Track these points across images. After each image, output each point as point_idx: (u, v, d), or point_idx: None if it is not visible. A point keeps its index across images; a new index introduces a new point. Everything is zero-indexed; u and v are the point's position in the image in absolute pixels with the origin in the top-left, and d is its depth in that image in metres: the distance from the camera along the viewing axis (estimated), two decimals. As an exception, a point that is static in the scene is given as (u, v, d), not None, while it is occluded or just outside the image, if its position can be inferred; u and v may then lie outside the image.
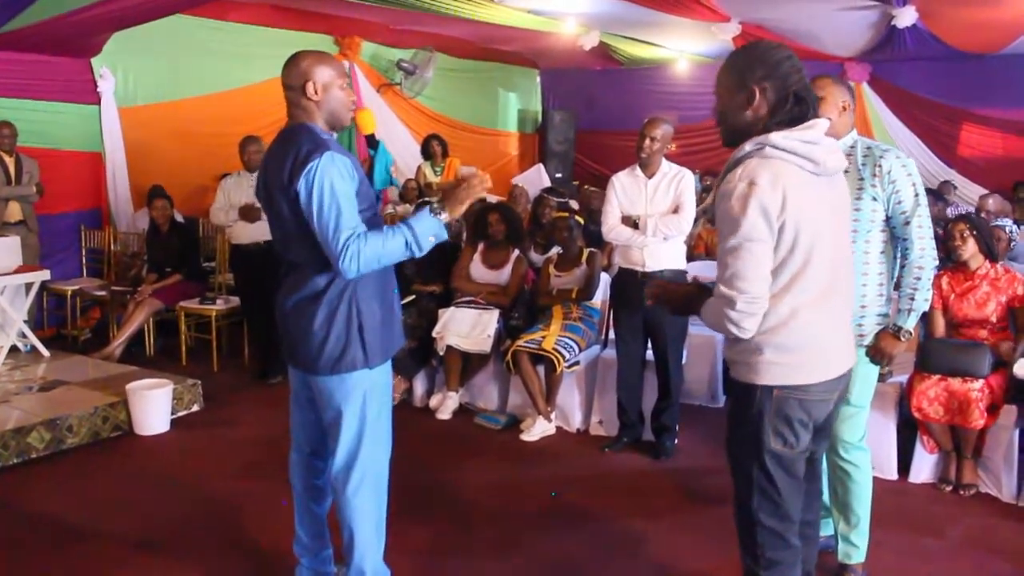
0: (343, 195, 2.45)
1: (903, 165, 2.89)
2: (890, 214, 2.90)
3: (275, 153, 2.61)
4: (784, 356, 2.19)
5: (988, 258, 4.05)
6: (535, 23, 9.28)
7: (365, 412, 2.69)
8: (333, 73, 2.62)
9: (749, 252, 2.08)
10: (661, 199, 4.35)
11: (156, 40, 7.87)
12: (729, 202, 2.08)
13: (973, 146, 10.84)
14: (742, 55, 2.23)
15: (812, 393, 2.22)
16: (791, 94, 2.15)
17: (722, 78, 2.25)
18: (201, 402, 5.39)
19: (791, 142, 2.11)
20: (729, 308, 2.10)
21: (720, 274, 2.14)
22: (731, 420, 2.37)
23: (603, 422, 4.87)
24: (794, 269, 2.13)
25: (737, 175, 2.10)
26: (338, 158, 2.48)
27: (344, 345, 2.59)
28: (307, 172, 2.43)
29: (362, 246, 2.43)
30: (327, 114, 2.62)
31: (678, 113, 12.58)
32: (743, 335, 2.15)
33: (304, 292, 2.61)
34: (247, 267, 5.91)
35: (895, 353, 2.95)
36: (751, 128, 2.19)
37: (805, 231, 2.10)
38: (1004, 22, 8.70)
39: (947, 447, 4.01)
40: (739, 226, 2.07)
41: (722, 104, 2.26)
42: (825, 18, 8.73)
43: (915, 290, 2.90)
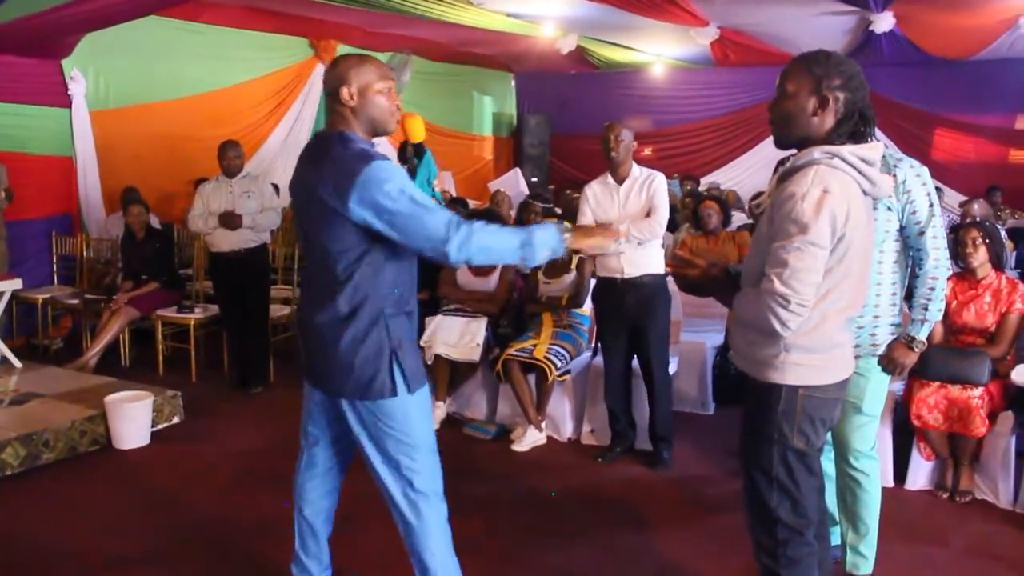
0: (409, 193, 2.31)
1: (917, 175, 2.86)
2: (904, 224, 2.88)
3: (311, 161, 2.46)
4: (809, 358, 2.23)
5: (995, 267, 4.03)
6: (513, 26, 9.24)
7: (404, 436, 2.53)
8: (373, 77, 2.45)
9: (812, 256, 2.08)
10: (634, 203, 4.32)
11: (128, 42, 7.72)
12: (800, 204, 2.08)
13: (947, 151, 10.98)
14: (822, 60, 2.19)
15: (829, 392, 2.28)
16: (858, 110, 2.18)
17: (795, 78, 2.22)
18: (181, 414, 5.25)
19: (856, 159, 2.15)
20: (780, 306, 2.09)
21: (776, 271, 2.11)
22: (751, 420, 2.37)
23: (595, 431, 4.80)
24: (836, 279, 2.17)
25: (809, 179, 2.11)
26: (382, 165, 2.34)
27: (373, 372, 2.43)
28: (361, 183, 2.29)
29: (472, 231, 2.31)
30: (366, 121, 2.48)
31: (653, 117, 12.64)
32: (784, 333, 2.15)
33: (330, 314, 2.44)
34: (226, 275, 5.78)
35: (908, 363, 2.94)
36: (811, 134, 2.20)
37: (854, 246, 2.15)
38: (978, 28, 8.81)
39: (944, 454, 4.00)
40: (809, 229, 2.07)
41: (788, 104, 2.22)
42: (803, 23, 8.77)
43: (929, 300, 2.89)
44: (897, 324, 2.96)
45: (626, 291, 4.32)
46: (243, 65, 9.19)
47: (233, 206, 5.64)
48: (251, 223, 5.64)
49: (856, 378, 2.92)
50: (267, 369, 6.08)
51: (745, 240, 5.91)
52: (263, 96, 9.48)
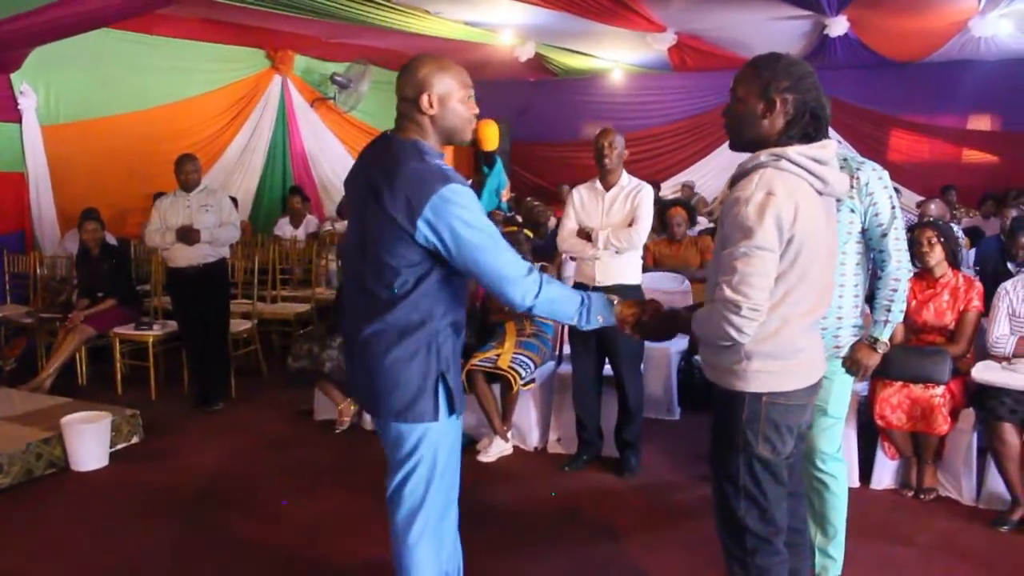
0: (487, 228, 2.22)
1: (879, 177, 2.88)
2: (867, 226, 2.89)
3: (379, 164, 2.29)
4: (771, 364, 2.21)
5: (952, 266, 4.08)
6: (472, 35, 9.23)
7: (435, 463, 2.40)
8: (454, 84, 2.30)
9: (760, 260, 2.07)
10: (617, 212, 4.30)
11: (80, 55, 7.58)
12: (744, 208, 2.07)
13: (902, 151, 11.16)
14: (770, 63, 2.18)
15: (795, 399, 2.26)
16: (808, 111, 2.16)
17: (744, 82, 2.22)
18: (141, 433, 5.14)
19: (805, 159, 2.14)
20: (733, 313, 2.08)
21: (725, 279, 2.11)
22: (716, 428, 2.36)
23: (561, 439, 4.78)
24: (791, 282, 2.15)
25: (754, 183, 2.10)
26: (459, 190, 2.20)
27: (416, 394, 2.31)
28: (434, 203, 2.16)
29: (544, 281, 2.25)
30: (443, 130, 2.34)
31: (613, 122, 12.65)
32: (742, 340, 2.13)
33: (377, 327, 2.31)
34: (185, 290, 5.67)
35: (871, 364, 2.96)
36: (763, 137, 2.20)
37: (807, 247, 2.12)
38: (929, 31, 8.97)
39: (908, 453, 4.03)
40: (753, 233, 2.05)
41: (739, 108, 2.23)
42: (759, 28, 8.87)
43: (891, 302, 2.91)
44: (859, 326, 2.98)
45: None
46: (200, 77, 9.07)
47: (191, 221, 5.54)
48: (209, 238, 5.55)
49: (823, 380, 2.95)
50: (228, 385, 5.99)
51: (707, 245, 5.94)
52: (220, 108, 9.37)
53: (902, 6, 8.08)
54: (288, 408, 5.70)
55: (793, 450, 2.32)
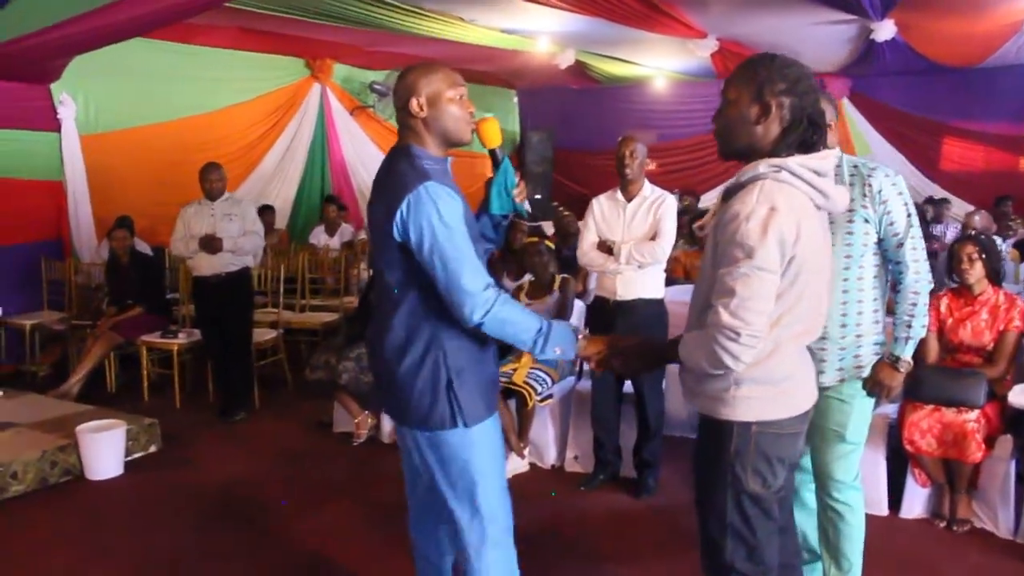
0: (458, 232, 2.18)
1: (893, 184, 2.70)
2: (882, 236, 2.70)
3: (378, 180, 2.35)
4: (761, 390, 2.04)
5: (993, 283, 3.84)
6: (508, 42, 9.13)
7: (472, 473, 2.37)
8: (442, 84, 2.30)
9: (761, 282, 1.90)
10: (639, 224, 4.14)
11: (119, 65, 7.64)
12: (745, 224, 1.89)
13: (956, 160, 10.76)
14: (763, 64, 2.01)
15: (787, 427, 2.08)
16: (807, 116, 1.99)
17: (736, 84, 2.05)
18: (159, 442, 5.12)
19: (807, 171, 1.97)
20: (731, 340, 1.91)
21: (722, 302, 1.93)
22: (701, 460, 2.20)
23: (579, 457, 4.63)
24: (788, 303, 1.98)
25: (754, 197, 1.93)
26: (436, 189, 2.18)
27: (432, 401, 2.31)
28: (406, 207, 2.17)
29: (500, 299, 2.18)
30: (438, 133, 2.33)
31: (657, 131, 12.46)
32: (737, 368, 1.96)
33: (388, 334, 2.34)
34: (208, 299, 5.66)
35: (894, 386, 2.74)
36: (756, 145, 2.02)
37: (806, 267, 1.96)
38: (982, 35, 8.61)
39: (940, 480, 3.79)
40: (755, 252, 1.88)
41: (730, 113, 2.05)
42: (803, 32, 8.60)
43: (912, 316, 2.71)
44: (881, 343, 2.79)
45: (618, 314, 4.13)
46: (238, 86, 9.12)
47: (214, 229, 5.53)
48: (232, 247, 5.53)
49: (839, 404, 2.76)
50: (251, 395, 5.95)
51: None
52: (258, 117, 9.40)
53: (950, 8, 7.76)
54: (309, 419, 5.64)
55: (784, 483, 2.13)
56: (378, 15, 7.64)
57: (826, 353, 2.71)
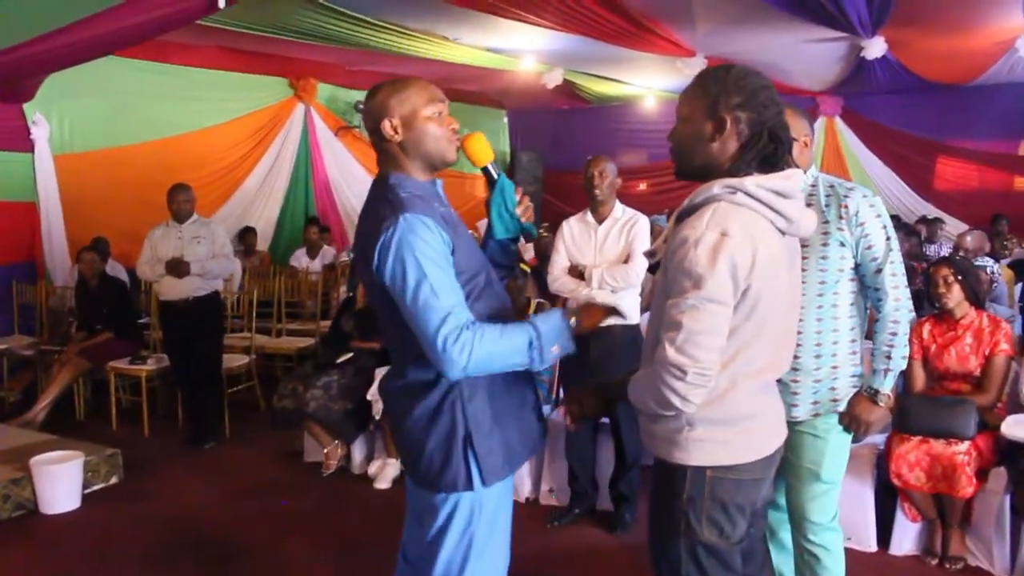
0: (432, 271, 1.88)
1: (871, 205, 2.52)
2: (859, 261, 2.53)
3: (361, 215, 2.09)
4: (717, 432, 1.85)
5: (974, 305, 3.66)
6: (494, 61, 9.01)
7: (472, 535, 2.09)
8: (418, 101, 2.04)
9: (711, 315, 1.72)
10: (611, 247, 3.97)
11: (94, 84, 7.52)
12: (693, 251, 1.72)
13: (949, 179, 10.62)
14: (717, 76, 1.85)
15: (746, 473, 1.88)
16: (767, 131, 1.81)
17: (689, 99, 1.88)
18: (121, 473, 4.92)
19: (766, 192, 1.78)
20: (676, 378, 1.73)
21: (667, 336, 1.75)
22: (654, 507, 2.00)
23: (554, 490, 4.42)
24: (744, 338, 1.80)
25: (704, 221, 1.75)
26: (415, 221, 1.90)
27: (444, 459, 2.02)
28: (380, 248, 1.91)
29: (474, 340, 1.86)
30: (418, 156, 2.06)
31: (647, 151, 12.37)
32: (686, 409, 1.77)
33: (401, 382, 2.10)
34: (176, 324, 5.48)
35: (873, 420, 2.56)
36: (713, 163, 1.85)
37: (765, 298, 1.78)
38: (973, 52, 8.50)
39: (931, 515, 3.59)
40: (703, 282, 1.71)
41: (683, 130, 1.89)
42: (793, 51, 8.49)
43: (891, 347, 2.53)
44: (859, 375, 2.61)
45: (591, 340, 3.93)
46: (219, 106, 8.97)
47: (182, 252, 5.36)
48: (200, 270, 5.36)
49: (812, 440, 2.58)
50: (221, 423, 5.75)
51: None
52: (240, 137, 9.25)
53: (941, 25, 7.63)
54: (280, 448, 5.44)
55: (748, 532, 1.93)
56: (361, 34, 7.52)
57: (799, 385, 2.54)
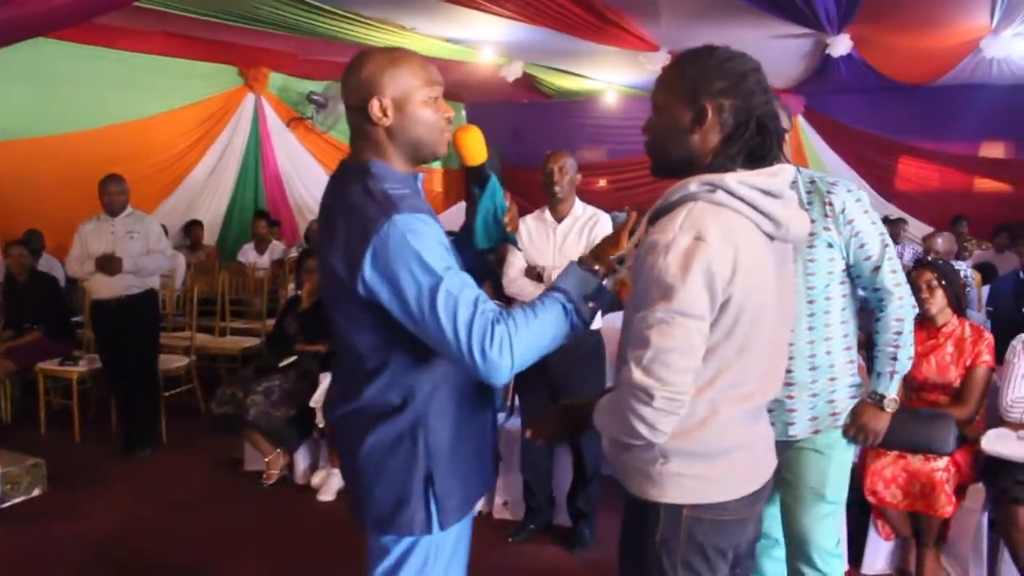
0: (445, 272, 1.61)
1: (857, 200, 2.32)
2: (852, 262, 2.34)
3: (326, 212, 1.79)
4: (696, 466, 1.61)
5: (956, 312, 3.48)
6: (452, 52, 8.72)
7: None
8: (414, 81, 1.75)
9: (683, 331, 1.48)
10: (571, 247, 3.72)
11: (27, 68, 7.12)
12: (663, 258, 1.49)
13: (911, 179, 10.58)
14: (696, 60, 1.61)
15: (729, 512, 1.64)
16: (754, 119, 1.58)
17: (665, 86, 1.65)
18: (44, 485, 4.58)
19: (750, 190, 1.54)
20: (642, 403, 1.49)
21: (633, 354, 1.51)
22: (625, 545, 1.77)
23: (508, 503, 4.17)
24: (726, 358, 1.56)
25: (678, 223, 1.52)
26: (408, 222, 1.63)
27: (399, 498, 1.77)
28: (372, 258, 1.61)
29: (511, 334, 1.60)
30: (405, 145, 1.78)
31: (608, 147, 12.18)
32: (655, 439, 1.53)
33: (353, 405, 1.79)
34: (108, 324, 5.15)
35: (881, 428, 2.39)
36: (693, 158, 1.61)
37: (748, 311, 1.54)
38: (939, 51, 8.40)
39: (905, 533, 3.40)
40: (674, 293, 1.48)
41: (660, 122, 1.65)
42: (757, 47, 8.11)
43: (897, 347, 2.36)
44: (857, 384, 2.42)
45: None
46: (165, 94, 8.58)
47: (114, 248, 5.02)
48: (133, 267, 5.02)
49: (816, 457, 2.36)
50: (157, 429, 5.41)
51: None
52: (186, 127, 8.87)
53: (907, 23, 7.52)
54: (220, 456, 5.12)
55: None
56: (314, 21, 7.20)
57: (795, 401, 2.34)
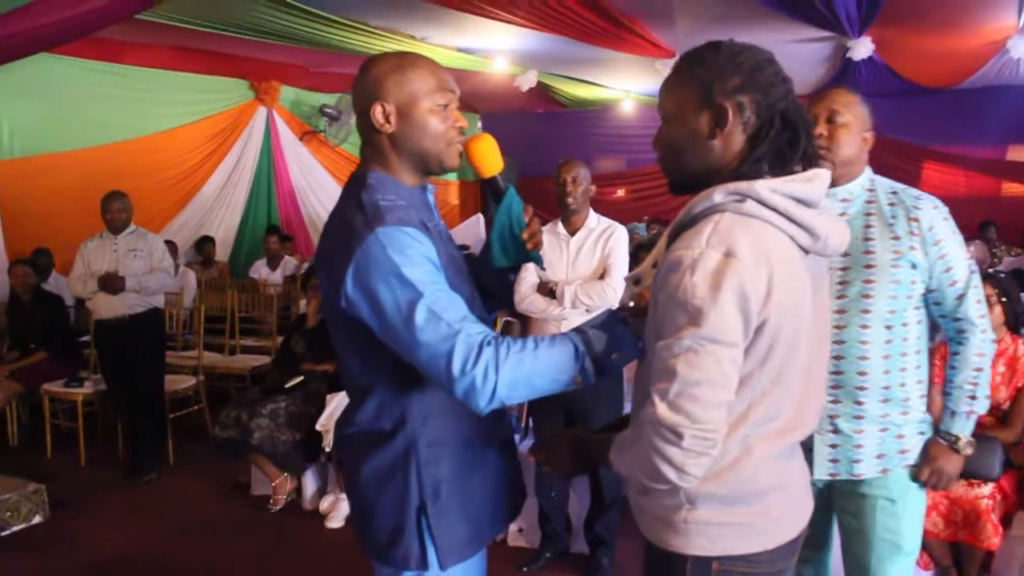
0: (427, 287, 1.49)
1: (944, 218, 2.07)
2: (935, 287, 2.08)
3: (329, 218, 1.70)
4: (726, 513, 1.42)
5: (1011, 330, 3.26)
6: (464, 62, 8.59)
7: None
8: (422, 86, 1.64)
9: (714, 360, 1.29)
10: (585, 261, 3.55)
11: (37, 86, 7.10)
12: (689, 277, 1.30)
13: (936, 185, 10.29)
14: (704, 58, 1.43)
15: (763, 564, 1.45)
16: (777, 115, 1.39)
17: (674, 93, 1.47)
18: (46, 511, 4.41)
19: (783, 199, 1.35)
20: (669, 443, 1.30)
21: (657, 387, 1.32)
22: None
23: (524, 530, 3.99)
24: (760, 389, 1.37)
25: (704, 238, 1.33)
26: (392, 235, 1.52)
27: (394, 530, 1.67)
28: (353, 274, 1.52)
29: (499, 359, 1.45)
30: (411, 155, 1.67)
31: (626, 156, 12.00)
32: (684, 483, 1.34)
33: (352, 428, 1.72)
34: (111, 344, 5.03)
35: (955, 472, 2.12)
36: (716, 166, 1.43)
37: (785, 334, 1.35)
38: (964, 53, 8.19)
39: (946, 563, 3.19)
40: (703, 318, 1.29)
41: (673, 132, 1.47)
42: (776, 51, 7.82)
43: (976, 385, 2.10)
44: (928, 421, 2.16)
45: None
46: (174, 109, 8.50)
47: (117, 266, 4.90)
48: (136, 286, 4.90)
49: (889, 506, 2.10)
50: (163, 452, 5.26)
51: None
52: (197, 142, 8.78)
53: (930, 25, 7.31)
54: (227, 480, 4.97)
55: None
56: (324, 33, 7.09)
57: (864, 436, 2.08)
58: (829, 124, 2.11)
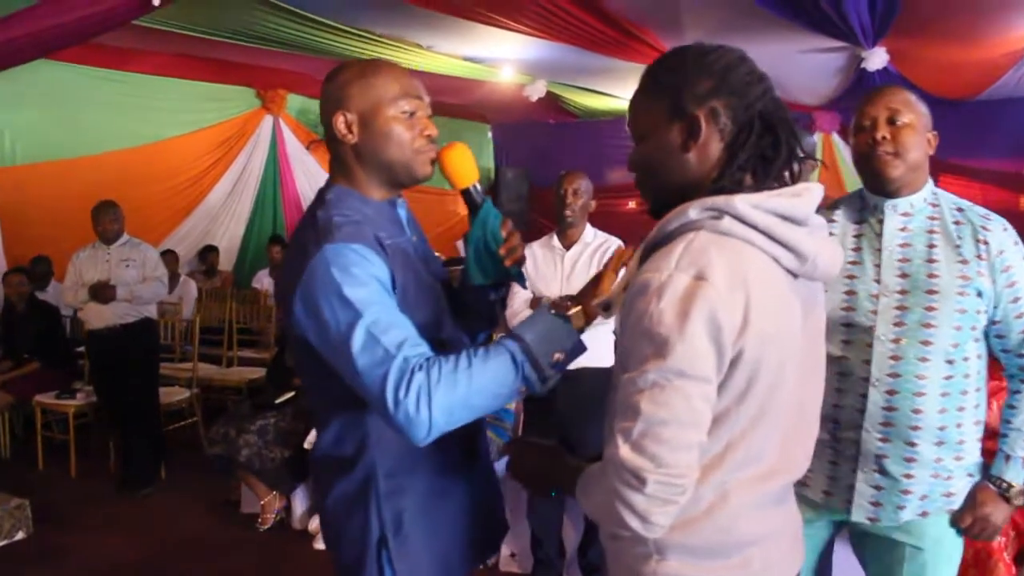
0: (367, 307, 1.39)
1: (1015, 242, 1.89)
2: (1000, 318, 1.88)
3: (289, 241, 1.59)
4: (700, 567, 1.28)
5: None
6: (471, 71, 8.50)
7: None
8: (382, 93, 1.55)
9: (682, 397, 1.16)
10: (580, 277, 3.42)
11: (39, 93, 7.01)
12: (655, 303, 1.17)
13: (952, 199, 10.13)
14: (669, 65, 1.31)
15: None
16: (756, 117, 1.26)
17: (643, 108, 1.34)
18: (29, 527, 4.35)
19: (765, 216, 1.21)
20: (632, 489, 1.17)
21: (620, 426, 1.19)
22: None
23: (516, 555, 3.85)
24: (740, 428, 1.24)
25: (674, 259, 1.20)
26: (341, 251, 1.43)
27: (357, 560, 1.59)
28: (300, 294, 1.44)
29: (430, 384, 1.34)
30: (377, 166, 1.58)
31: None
32: (649, 533, 1.21)
33: (319, 452, 1.65)
34: (103, 355, 4.95)
35: (1003, 523, 1.92)
36: (697, 180, 1.29)
37: (766, 368, 1.21)
38: (980, 64, 8.02)
39: (956, 599, 3.03)
40: (669, 349, 1.16)
41: (645, 150, 1.34)
42: (788, 62, 7.99)
43: None
44: (979, 464, 1.95)
45: (558, 386, 3.36)
46: (179, 117, 8.42)
47: (108, 276, 4.82)
48: (127, 295, 4.81)
49: (920, 555, 1.90)
50: (156, 467, 5.16)
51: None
52: (202, 151, 8.69)
53: (947, 35, 7.16)
54: (218, 496, 4.85)
55: None
56: (328, 41, 7.02)
57: (914, 482, 1.89)
58: (891, 126, 1.90)
